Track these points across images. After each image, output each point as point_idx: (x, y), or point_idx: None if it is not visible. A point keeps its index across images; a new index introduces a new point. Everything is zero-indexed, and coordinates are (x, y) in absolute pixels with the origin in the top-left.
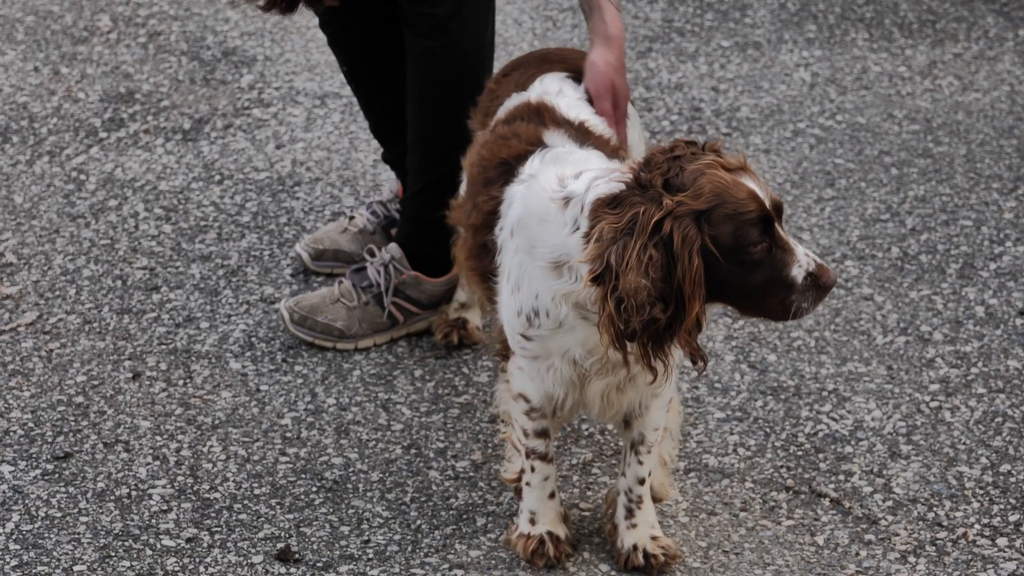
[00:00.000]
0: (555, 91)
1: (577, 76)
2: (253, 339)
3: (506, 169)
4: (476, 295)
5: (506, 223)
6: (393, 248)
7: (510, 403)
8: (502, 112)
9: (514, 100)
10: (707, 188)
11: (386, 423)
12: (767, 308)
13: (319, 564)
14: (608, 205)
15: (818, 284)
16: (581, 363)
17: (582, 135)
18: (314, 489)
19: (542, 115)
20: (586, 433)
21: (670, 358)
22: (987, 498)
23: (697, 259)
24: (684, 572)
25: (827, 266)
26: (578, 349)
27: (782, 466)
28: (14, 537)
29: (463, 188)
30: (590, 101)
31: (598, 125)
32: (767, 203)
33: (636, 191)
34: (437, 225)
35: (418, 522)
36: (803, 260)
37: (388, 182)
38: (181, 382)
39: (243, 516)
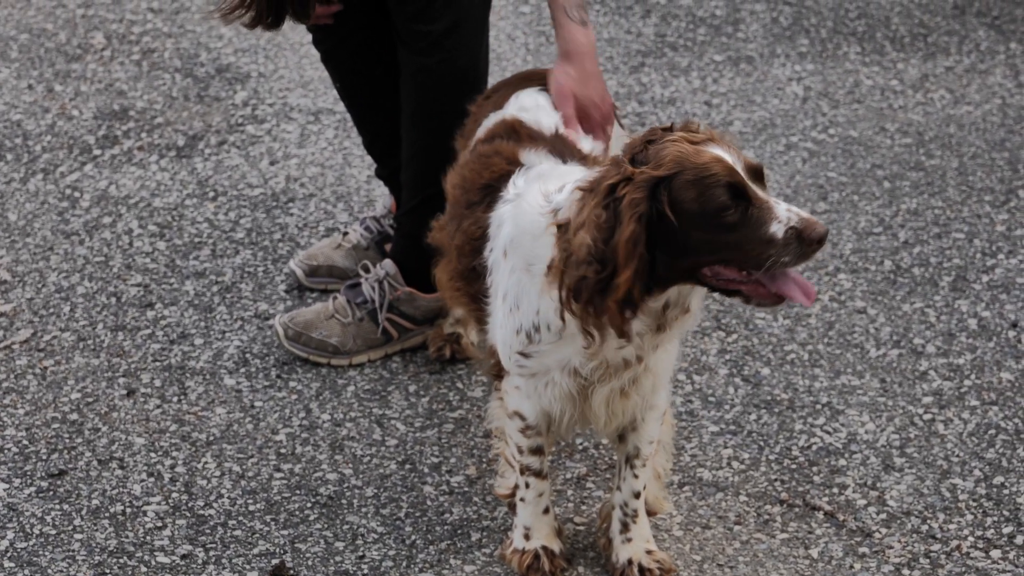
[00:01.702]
0: (532, 105)
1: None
2: (248, 355)
3: (489, 191)
4: (463, 315)
5: (497, 244)
6: (388, 264)
7: (505, 420)
8: (481, 131)
9: (492, 119)
10: (668, 158)
11: (380, 438)
12: (748, 262)
13: None
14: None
15: (802, 238)
16: (582, 372)
17: (560, 147)
18: (309, 505)
19: (518, 132)
20: (580, 447)
21: (605, 329)
22: (981, 510)
23: (634, 225)
24: None
25: (814, 219)
26: (578, 358)
27: (776, 479)
28: (9, 555)
29: (447, 209)
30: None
31: (572, 134)
32: (738, 167)
33: (611, 167)
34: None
35: (413, 537)
36: (784, 216)
37: (382, 198)
38: (176, 399)
39: (238, 532)
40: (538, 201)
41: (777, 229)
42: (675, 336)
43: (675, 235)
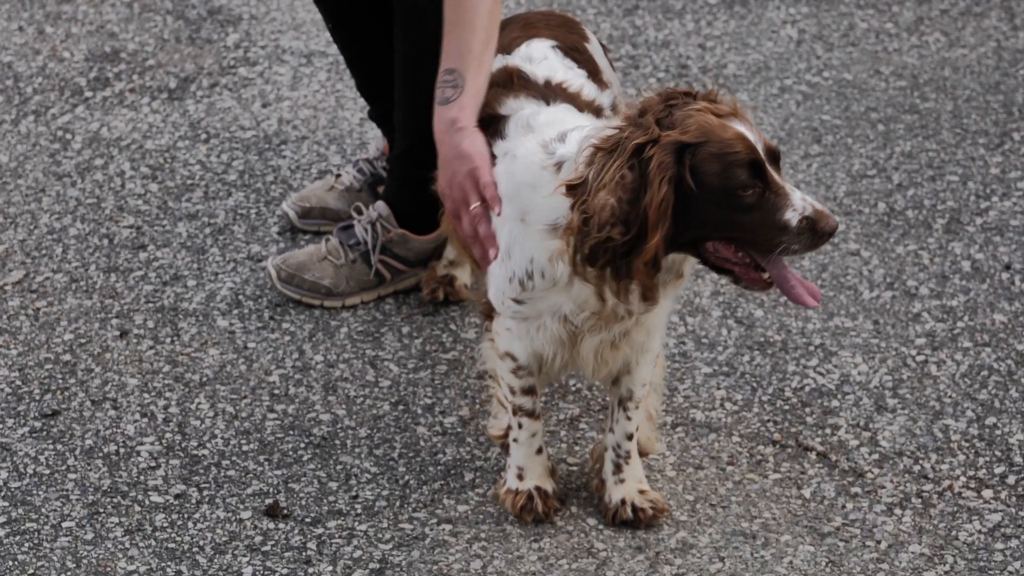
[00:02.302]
0: (540, 58)
1: (563, 48)
2: (240, 297)
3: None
4: (467, 259)
5: None
6: (380, 206)
7: (496, 361)
8: None
9: (496, 63)
10: (694, 126)
11: (374, 380)
12: (757, 246)
13: (307, 520)
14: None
15: (815, 229)
16: (572, 320)
17: (546, 93)
18: (302, 445)
19: (512, 81)
20: (573, 388)
21: (631, 294)
22: (973, 451)
23: (667, 188)
24: (672, 525)
25: (828, 212)
26: (570, 306)
27: (769, 420)
28: (2, 494)
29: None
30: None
31: (573, 84)
32: (759, 147)
33: (630, 127)
34: (424, 183)
35: (406, 478)
36: (799, 204)
37: (374, 140)
38: (168, 340)
39: (231, 472)
40: (537, 155)
41: (792, 217)
42: (667, 297)
43: (690, 205)
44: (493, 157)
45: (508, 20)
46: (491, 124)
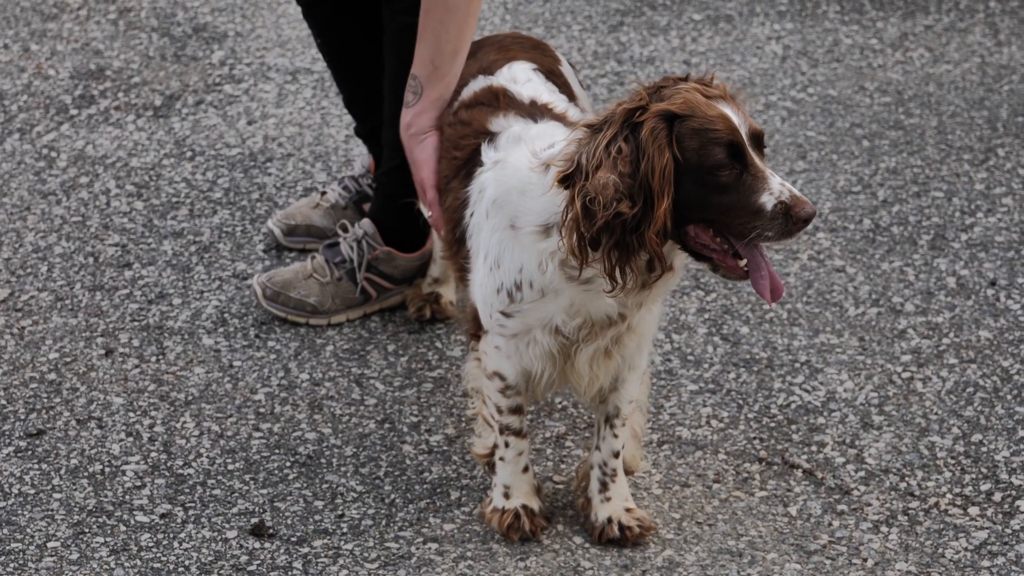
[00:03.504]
0: (524, 80)
1: (543, 71)
2: (226, 315)
3: (466, 164)
4: (452, 275)
5: (479, 208)
6: (366, 223)
7: (483, 380)
8: (467, 93)
9: (479, 82)
10: (680, 100)
11: (359, 398)
12: (732, 229)
13: (293, 539)
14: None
15: (789, 214)
16: (564, 331)
17: (533, 112)
18: (288, 464)
19: (499, 100)
20: (560, 406)
21: (635, 273)
22: (959, 468)
23: (667, 153)
24: (658, 543)
25: (804, 199)
26: (561, 316)
27: (755, 438)
28: None
29: None
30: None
31: (558, 106)
32: (742, 130)
33: (618, 106)
34: (410, 201)
35: (392, 496)
36: (776, 189)
37: (360, 157)
38: (154, 358)
39: (217, 491)
40: (526, 160)
41: (767, 200)
42: (658, 295)
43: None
44: (482, 164)
45: (481, 42)
46: (483, 138)
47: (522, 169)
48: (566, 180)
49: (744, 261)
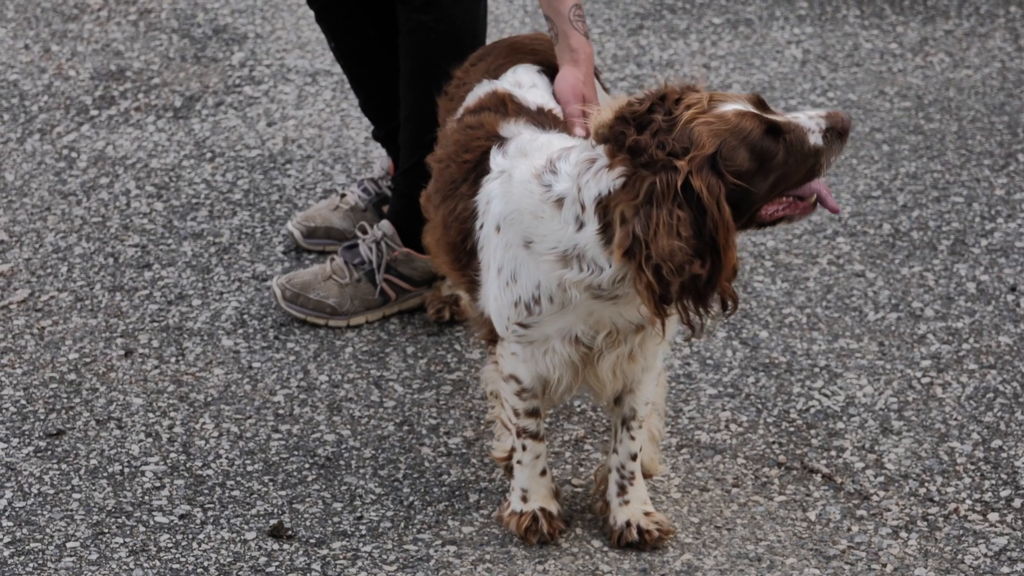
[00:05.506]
0: (528, 83)
1: (548, 71)
2: (245, 316)
3: (473, 170)
4: (455, 283)
5: (487, 220)
6: (385, 225)
7: (500, 384)
8: (471, 99)
9: (484, 87)
10: (703, 135)
11: (378, 400)
12: (799, 182)
13: (312, 540)
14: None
15: (836, 131)
16: (584, 340)
17: (541, 120)
18: (307, 466)
19: (506, 105)
20: (578, 409)
21: (711, 310)
22: (978, 473)
23: (726, 208)
24: (677, 547)
25: (833, 112)
26: (580, 326)
27: (774, 442)
28: (7, 514)
29: (431, 182)
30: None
31: (577, 129)
32: (755, 109)
33: (640, 168)
34: None
35: (411, 499)
36: (813, 125)
37: (379, 159)
38: (173, 359)
39: (236, 493)
40: (532, 184)
41: (815, 139)
42: None
43: (742, 197)
44: (489, 171)
45: (492, 45)
46: (495, 141)
47: (531, 192)
48: (627, 254)
49: (812, 196)
